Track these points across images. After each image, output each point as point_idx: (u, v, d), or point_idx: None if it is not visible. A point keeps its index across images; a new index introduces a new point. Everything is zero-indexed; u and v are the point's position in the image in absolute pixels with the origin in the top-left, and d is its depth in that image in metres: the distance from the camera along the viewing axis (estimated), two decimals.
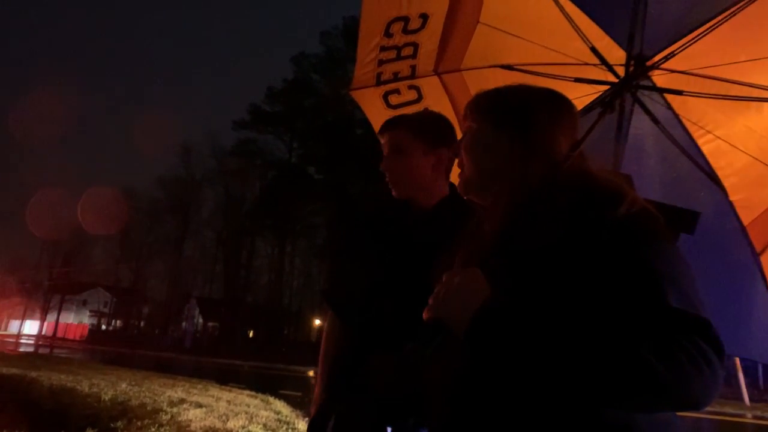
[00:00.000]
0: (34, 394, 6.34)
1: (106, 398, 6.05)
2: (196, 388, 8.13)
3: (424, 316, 0.81)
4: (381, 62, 2.13)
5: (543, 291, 0.77)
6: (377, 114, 2.28)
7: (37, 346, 29.09)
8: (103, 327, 49.39)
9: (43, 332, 44.56)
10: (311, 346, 30.61)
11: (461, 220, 1.04)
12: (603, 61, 1.90)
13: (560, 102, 0.97)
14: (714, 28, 1.72)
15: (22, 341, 33.32)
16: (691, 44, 1.77)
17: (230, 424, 5.13)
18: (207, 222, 43.69)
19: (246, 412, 5.98)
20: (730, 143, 2.01)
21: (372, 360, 1.27)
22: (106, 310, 50.56)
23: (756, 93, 1.84)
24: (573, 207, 0.81)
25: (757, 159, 1.96)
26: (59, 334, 45.32)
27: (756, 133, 1.96)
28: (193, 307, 42.81)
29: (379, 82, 2.22)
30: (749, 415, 11.16)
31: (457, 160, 1.03)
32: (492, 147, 0.94)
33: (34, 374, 7.72)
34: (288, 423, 5.69)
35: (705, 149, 2.06)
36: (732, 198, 2.01)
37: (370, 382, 1.27)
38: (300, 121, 37.86)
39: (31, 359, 13.87)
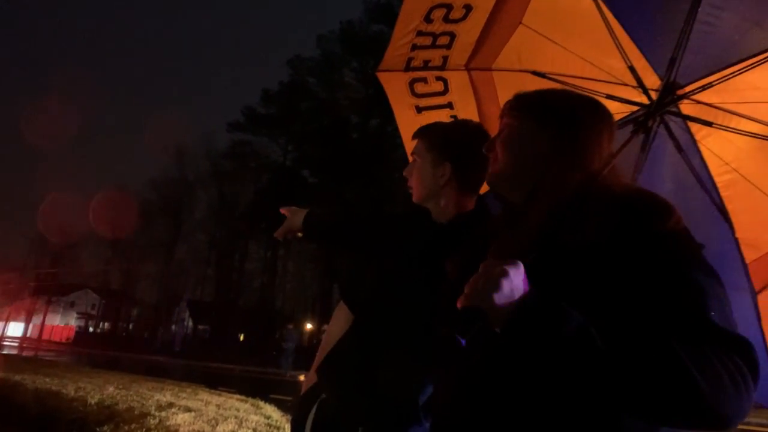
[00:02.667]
0: (18, 398, 6.19)
1: (93, 402, 5.94)
2: (185, 392, 8.01)
3: (460, 303, 0.78)
4: (415, 47, 2.06)
5: (585, 292, 0.77)
6: (400, 100, 2.24)
7: (21, 348, 28.60)
8: (91, 329, 48.79)
9: (28, 334, 43.89)
10: (303, 350, 30.45)
11: (473, 235, 1.07)
12: (639, 82, 1.90)
13: (603, 112, 0.99)
14: (751, 67, 1.74)
15: (5, 343, 32.74)
16: (727, 79, 1.78)
17: (219, 429, 5.07)
18: (199, 224, 43.42)
19: (235, 417, 5.91)
20: (746, 180, 2.01)
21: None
22: (94, 312, 49.94)
23: None
24: (621, 213, 0.82)
25: None
26: (45, 337, 44.65)
27: None
28: (184, 310, 42.48)
29: (408, 68, 2.15)
30: None
31: (490, 155, 1.03)
32: (532, 145, 0.96)
33: (18, 377, 7.56)
34: (278, 428, 5.61)
35: (719, 182, 2.07)
36: (738, 235, 2.01)
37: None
38: (295, 124, 37.83)
39: (15, 362, 13.62)
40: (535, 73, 2.12)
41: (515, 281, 0.77)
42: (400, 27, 2.03)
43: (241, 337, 37.37)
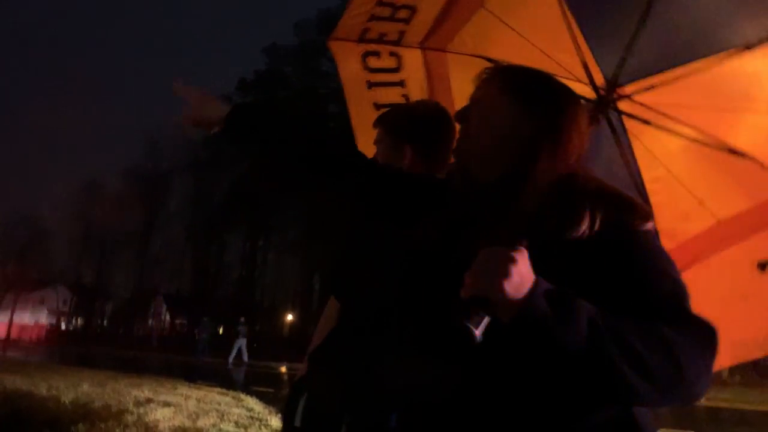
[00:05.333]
0: None
1: (67, 401, 5.81)
2: (164, 387, 7.88)
3: (464, 291, 0.73)
4: (373, 17, 1.96)
5: (575, 285, 0.77)
6: (350, 73, 2.15)
7: None
8: (63, 326, 47.58)
9: None
10: (284, 341, 30.31)
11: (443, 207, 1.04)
12: (590, 79, 1.94)
13: (583, 105, 0.99)
14: (690, 74, 1.84)
15: None
16: (667, 84, 1.88)
17: (200, 423, 4.99)
18: (175, 216, 42.63)
19: (216, 410, 5.84)
20: (671, 176, 2.13)
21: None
22: (65, 309, 48.65)
23: (704, 139, 2.01)
24: (606, 210, 0.84)
25: (692, 195, 2.10)
26: (14, 335, 43.30)
27: (696, 174, 2.12)
28: (160, 303, 41.81)
29: (361, 39, 2.06)
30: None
31: (463, 123, 0.99)
32: (514, 126, 0.93)
33: None
34: (260, 420, 5.56)
35: (646, 177, 2.16)
36: (659, 226, 2.14)
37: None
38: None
39: None
40: (489, 59, 2.08)
41: (523, 269, 0.73)
42: None
43: (220, 330, 37.01)
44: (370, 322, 1.29)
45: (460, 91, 2.12)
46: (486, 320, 0.72)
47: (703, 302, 0.83)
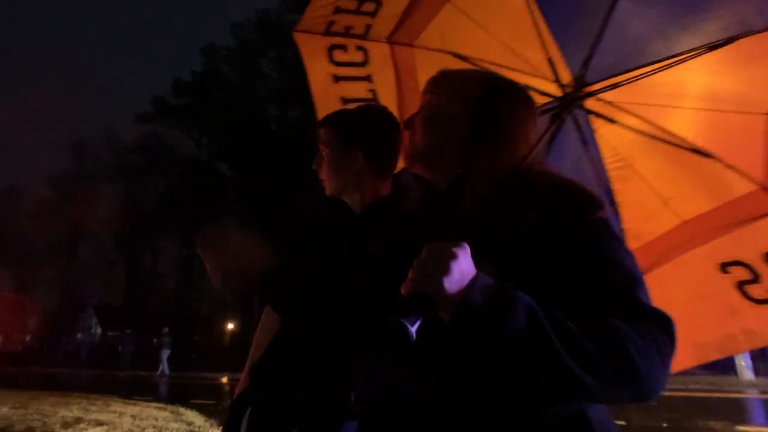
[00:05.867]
0: None
1: None
2: (95, 405, 7.48)
3: (404, 289, 0.74)
4: (338, 10, 1.95)
5: (521, 278, 0.76)
6: (316, 66, 2.12)
7: None
8: None
9: None
10: (224, 351, 29.34)
11: (394, 220, 1.04)
12: (556, 76, 1.95)
13: (528, 98, 1.00)
14: (654, 72, 1.84)
15: None
16: (632, 81, 1.86)
17: None
18: (103, 223, 40.11)
19: (154, 426, 5.65)
20: (637, 175, 2.13)
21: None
22: None
23: (670, 138, 2.02)
24: (553, 202, 0.83)
25: (657, 195, 2.10)
26: None
27: (661, 173, 2.12)
28: (90, 316, 39.22)
29: (327, 32, 2.03)
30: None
31: (409, 132, 1.01)
32: (453, 126, 0.94)
33: None
34: None
35: (612, 176, 2.17)
36: (624, 225, 2.13)
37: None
38: (209, 115, 36.06)
39: None
40: (456, 55, 2.07)
41: (464, 265, 0.73)
42: None
43: (155, 342, 35.31)
44: (316, 333, 1.28)
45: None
46: (419, 319, 0.71)
47: (666, 303, 0.81)
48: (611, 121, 2.03)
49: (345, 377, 1.22)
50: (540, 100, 2.01)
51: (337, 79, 2.15)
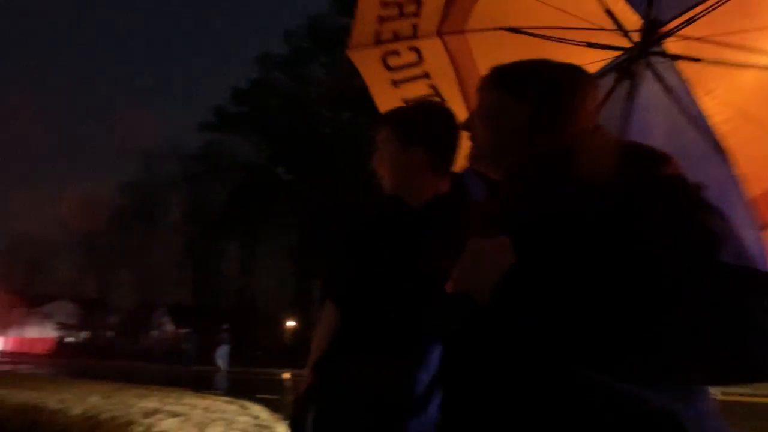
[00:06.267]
0: None
1: (75, 413, 5.91)
2: (171, 397, 7.99)
3: (448, 288, 0.76)
4: (381, 19, 1.98)
5: (582, 256, 0.70)
6: (374, 77, 2.16)
7: None
8: (70, 339, 47.59)
9: (3, 348, 42.61)
10: (285, 348, 30.26)
11: (454, 218, 1.03)
12: (618, 26, 1.81)
13: (583, 78, 0.96)
14: None
15: None
16: (712, 9, 1.66)
17: None
18: (174, 227, 42.67)
19: (223, 419, 5.93)
20: (745, 113, 1.90)
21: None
22: (71, 322, 48.70)
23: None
24: (612, 167, 0.77)
25: None
26: (23, 349, 43.40)
27: None
28: (163, 314, 41.77)
29: (378, 42, 2.05)
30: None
31: (470, 132, 1.01)
32: (511, 118, 0.93)
33: None
34: (267, 427, 5.65)
35: (715, 119, 1.95)
36: (739, 171, 1.92)
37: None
38: (267, 121, 37.37)
39: None
40: (510, 29, 2.01)
41: (501, 258, 0.74)
42: (363, 1, 1.97)
43: (215, 339, 37.02)
44: (377, 330, 1.29)
45: (487, 69, 2.18)
46: (461, 315, 0.73)
47: None
48: (695, 60, 1.82)
49: (409, 371, 1.23)
50: (608, 55, 1.91)
51: (396, 83, 2.17)
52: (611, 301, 0.65)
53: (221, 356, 19.67)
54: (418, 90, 2.16)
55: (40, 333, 48.78)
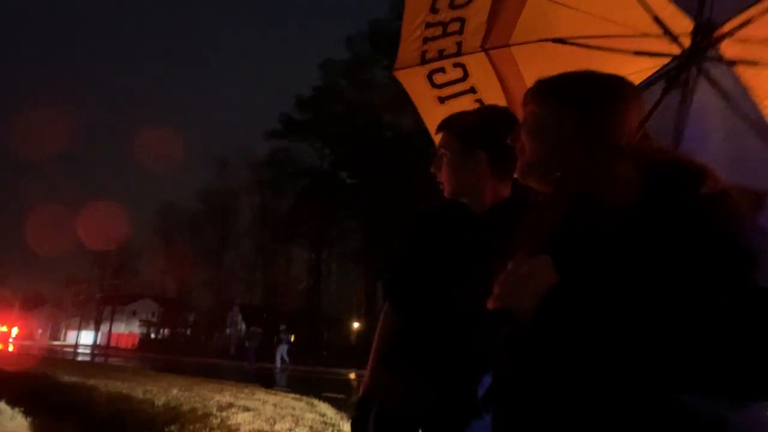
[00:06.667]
0: (93, 401, 6.64)
1: (159, 404, 6.24)
2: (243, 393, 8.27)
3: (489, 305, 0.79)
4: (426, 40, 2.02)
5: (617, 275, 0.73)
6: (421, 95, 2.20)
7: (93, 355, 30.47)
8: (152, 335, 51.28)
9: (98, 342, 46.68)
10: (350, 349, 30.71)
11: (515, 224, 1.03)
12: (666, 31, 1.77)
13: (628, 89, 0.96)
14: None
15: (79, 351, 35.02)
16: (765, 14, 1.62)
17: (277, 427, 5.18)
18: (245, 231, 44.78)
19: (292, 415, 6.04)
20: None
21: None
22: (154, 320, 52.55)
23: None
24: (647, 187, 0.78)
25: None
26: (112, 344, 47.32)
27: None
28: (236, 314, 43.79)
29: (423, 61, 2.10)
30: None
31: (517, 146, 1.01)
32: (557, 130, 0.94)
33: (92, 382, 8.05)
34: (333, 425, 5.69)
35: None
36: None
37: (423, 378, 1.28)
38: (330, 127, 38.25)
39: (89, 368, 14.51)
40: (555, 40, 2.00)
41: (543, 277, 0.75)
42: (408, 23, 2.00)
43: (292, 338, 38.23)
44: (437, 335, 1.31)
45: (534, 81, 2.14)
46: (503, 333, 0.75)
47: None
48: (752, 63, 1.77)
49: (470, 376, 1.22)
50: (657, 63, 1.85)
51: (443, 100, 2.20)
52: (640, 327, 0.68)
53: (280, 354, 20.42)
54: (465, 105, 2.16)
55: (127, 329, 52.98)
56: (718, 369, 0.65)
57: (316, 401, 7.82)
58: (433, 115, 2.19)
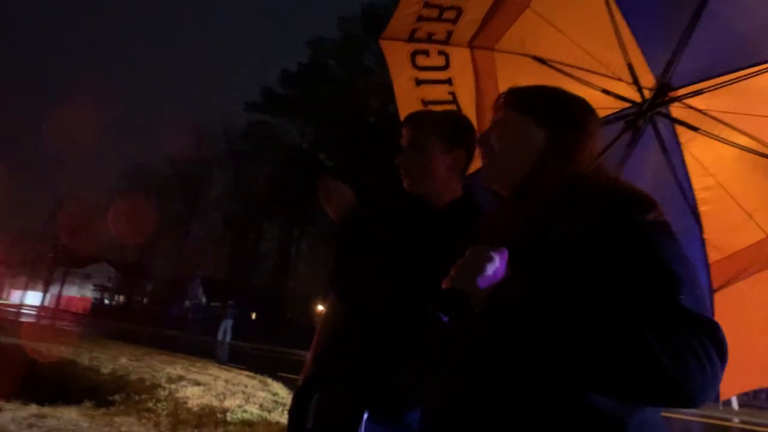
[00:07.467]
0: (35, 364, 6.36)
1: (106, 372, 6.10)
2: (196, 366, 8.15)
3: (444, 284, 0.83)
4: (420, 18, 2.04)
5: (564, 278, 0.81)
6: (400, 70, 2.23)
7: (39, 317, 29.40)
8: (106, 302, 49.92)
9: (45, 304, 45.15)
10: (313, 331, 30.71)
11: (471, 222, 1.11)
12: (635, 80, 1.94)
13: (594, 114, 1.04)
14: (742, 79, 1.81)
15: (23, 311, 33.72)
16: (718, 88, 1.84)
17: (227, 403, 5.14)
18: (215, 203, 43.91)
19: (243, 392, 6.00)
20: (722, 187, 2.11)
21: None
22: (110, 285, 51.02)
23: (760, 148, 1.96)
24: (604, 206, 0.87)
25: (741, 207, 2.06)
26: (61, 307, 45.84)
27: (748, 184, 2.07)
28: (198, 286, 43.16)
29: (411, 39, 2.13)
30: (736, 419, 11.16)
31: (485, 149, 1.06)
32: (528, 142, 0.99)
33: (35, 345, 7.75)
34: (284, 404, 5.68)
35: (696, 185, 2.16)
36: (706, 236, 2.14)
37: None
38: (313, 106, 37.71)
39: (33, 330, 13.99)
40: (536, 58, 2.13)
41: (500, 266, 0.82)
42: None
43: (253, 316, 37.93)
44: (377, 326, 1.32)
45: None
46: (458, 308, 0.81)
47: (743, 319, 0.77)
48: (694, 128, 2.01)
49: (414, 363, 1.23)
50: (618, 104, 2.03)
51: (419, 82, 2.24)
52: (572, 326, 0.76)
53: (224, 330, 20.64)
54: (437, 94, 2.23)
55: (80, 293, 51.36)
56: (622, 374, 0.72)
57: (269, 380, 7.80)
58: (406, 93, 2.25)
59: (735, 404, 13.83)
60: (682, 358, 0.70)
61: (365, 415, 1.27)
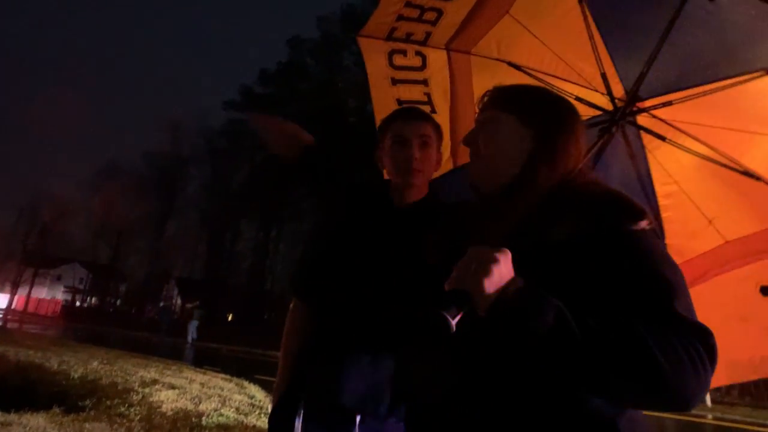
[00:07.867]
0: (0, 368, 6.14)
1: (76, 376, 5.92)
2: (170, 370, 7.99)
3: (447, 285, 0.80)
4: (400, 17, 2.03)
5: (560, 285, 0.81)
6: (376, 69, 2.23)
7: (5, 320, 28.42)
8: (78, 304, 48.55)
9: (13, 306, 43.64)
10: None
11: (435, 218, 1.14)
12: (608, 90, 1.99)
13: (578, 115, 1.05)
14: (707, 93, 1.89)
15: None
16: (685, 100, 1.93)
17: (202, 407, 5.05)
18: (192, 201, 43.20)
19: (219, 395, 5.91)
20: (684, 193, 2.18)
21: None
22: (81, 287, 49.63)
23: (720, 159, 2.05)
24: (597, 212, 0.87)
25: (702, 214, 2.14)
26: (30, 309, 44.37)
27: (708, 192, 2.14)
28: (173, 287, 42.38)
29: (389, 38, 2.12)
30: (710, 416, 11.48)
31: (472, 147, 1.05)
32: (515, 141, 0.99)
33: (0, 348, 7.49)
34: (261, 408, 5.61)
35: (659, 191, 2.22)
36: (667, 241, 2.18)
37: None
38: (292, 105, 37.42)
39: None
40: (511, 64, 2.15)
41: (504, 268, 0.80)
42: None
43: (230, 317, 37.43)
44: (356, 326, 1.30)
45: (481, 94, 2.32)
46: (459, 313, 0.77)
47: (703, 320, 0.78)
48: (661, 138, 2.07)
49: (398, 365, 1.25)
50: (590, 112, 2.08)
51: (395, 82, 2.25)
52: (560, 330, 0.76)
53: (191, 331, 21.11)
54: (412, 94, 2.25)
55: (50, 294, 49.84)
56: (624, 378, 0.73)
57: (246, 383, 7.70)
58: (381, 92, 2.26)
59: (708, 401, 14.36)
60: (681, 363, 0.72)
61: (357, 419, 1.28)
